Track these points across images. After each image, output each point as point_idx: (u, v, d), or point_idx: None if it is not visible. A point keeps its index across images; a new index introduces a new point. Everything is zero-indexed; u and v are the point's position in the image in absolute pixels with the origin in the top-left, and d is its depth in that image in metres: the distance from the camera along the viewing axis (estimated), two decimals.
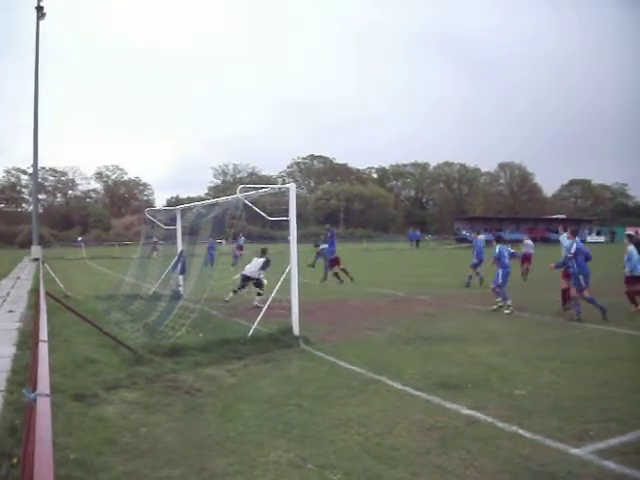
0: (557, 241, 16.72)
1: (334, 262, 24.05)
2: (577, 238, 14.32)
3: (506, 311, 15.16)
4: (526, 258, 24.89)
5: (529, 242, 25.56)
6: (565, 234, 15.18)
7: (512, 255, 17.10)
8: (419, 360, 9.57)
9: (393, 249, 61.67)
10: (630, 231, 17.76)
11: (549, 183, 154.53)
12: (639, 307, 14.64)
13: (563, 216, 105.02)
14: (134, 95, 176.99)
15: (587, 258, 14.00)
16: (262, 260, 16.88)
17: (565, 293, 14.77)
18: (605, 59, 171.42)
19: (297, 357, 10.02)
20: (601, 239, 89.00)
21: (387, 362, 9.39)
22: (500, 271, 15.80)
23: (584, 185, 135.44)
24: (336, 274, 23.90)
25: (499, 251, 16.07)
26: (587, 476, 5.03)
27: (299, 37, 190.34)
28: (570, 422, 6.37)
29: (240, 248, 34.57)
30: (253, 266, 16.95)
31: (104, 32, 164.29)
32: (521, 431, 6.09)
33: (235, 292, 17.14)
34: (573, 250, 13.90)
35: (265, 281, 16.52)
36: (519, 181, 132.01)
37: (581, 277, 13.71)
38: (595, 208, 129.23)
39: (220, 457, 5.53)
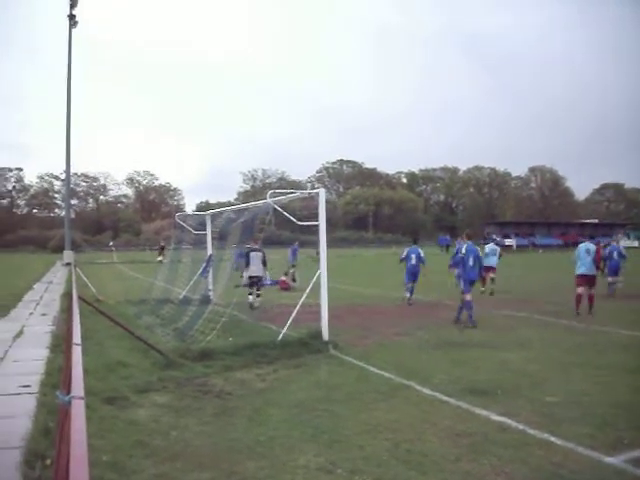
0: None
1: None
2: (469, 242, 14.82)
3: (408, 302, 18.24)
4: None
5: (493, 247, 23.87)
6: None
7: (419, 259, 18.56)
8: (448, 365, 9.51)
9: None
10: None
11: (581, 187, 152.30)
12: None
13: (596, 220, 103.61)
14: (165, 101, 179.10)
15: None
16: (261, 254, 17.31)
17: (579, 299, 15.60)
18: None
19: (326, 362, 10.02)
20: (635, 244, 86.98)
21: (416, 367, 9.35)
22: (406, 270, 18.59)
23: (617, 189, 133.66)
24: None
25: (407, 253, 18.77)
26: None
27: (327, 42, 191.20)
28: (603, 430, 6.27)
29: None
30: (257, 264, 17.31)
31: (136, 39, 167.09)
32: (553, 438, 6.01)
33: (251, 294, 17.45)
34: (463, 251, 14.37)
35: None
36: (550, 185, 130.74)
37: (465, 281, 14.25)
38: (628, 212, 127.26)
39: (250, 461, 5.55)
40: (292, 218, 11.88)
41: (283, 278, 23.68)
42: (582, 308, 15.55)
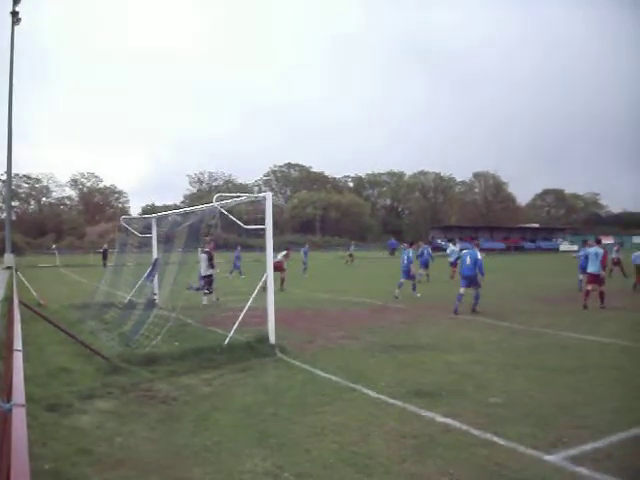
0: (531, 250, 18.06)
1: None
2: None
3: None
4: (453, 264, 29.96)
5: (452, 248, 32.54)
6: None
7: (409, 260, 21.76)
8: (395, 368, 9.61)
9: (369, 258, 61.70)
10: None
11: (523, 192, 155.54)
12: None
13: (536, 225, 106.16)
14: (109, 102, 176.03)
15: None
16: (205, 256, 18.57)
17: (588, 294, 17.76)
18: (583, 76, 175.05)
19: (273, 366, 10.01)
20: (574, 247, 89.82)
21: (363, 370, 9.42)
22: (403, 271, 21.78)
23: (557, 194, 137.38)
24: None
25: (402, 255, 22.59)
26: None
27: (277, 43, 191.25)
28: (544, 429, 6.45)
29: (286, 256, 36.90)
30: (203, 265, 18.64)
31: (77, 37, 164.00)
32: (495, 438, 6.15)
33: (205, 293, 18.58)
34: (462, 252, 17.83)
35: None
36: (493, 190, 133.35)
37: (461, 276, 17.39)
38: (568, 217, 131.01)
39: (196, 467, 5.51)
40: (239, 222, 11.81)
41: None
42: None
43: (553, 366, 9.65)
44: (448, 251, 32.90)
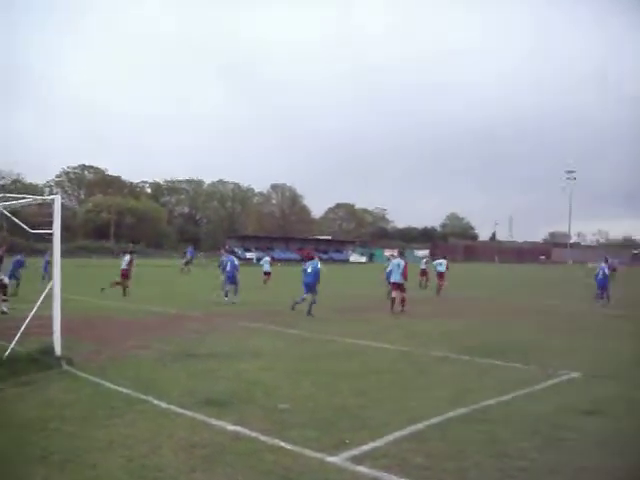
0: (324, 260, 19.61)
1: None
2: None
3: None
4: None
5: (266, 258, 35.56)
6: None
7: (233, 266, 23.07)
8: (187, 377, 9.58)
9: (166, 265, 60.65)
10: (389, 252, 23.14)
11: (318, 206, 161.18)
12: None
13: (329, 237, 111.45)
14: None
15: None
16: None
17: (394, 301, 20.28)
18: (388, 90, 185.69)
19: (59, 379, 9.51)
20: (363, 259, 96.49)
21: (154, 381, 9.29)
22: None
23: (348, 208, 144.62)
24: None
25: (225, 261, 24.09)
26: None
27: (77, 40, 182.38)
28: (328, 432, 6.79)
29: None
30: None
31: None
32: (282, 443, 6.36)
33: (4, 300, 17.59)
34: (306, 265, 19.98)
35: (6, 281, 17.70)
36: (289, 202, 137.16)
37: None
38: (358, 230, 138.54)
39: None
40: (24, 225, 11.12)
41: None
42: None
43: (338, 371, 10.19)
44: (262, 261, 35.94)
